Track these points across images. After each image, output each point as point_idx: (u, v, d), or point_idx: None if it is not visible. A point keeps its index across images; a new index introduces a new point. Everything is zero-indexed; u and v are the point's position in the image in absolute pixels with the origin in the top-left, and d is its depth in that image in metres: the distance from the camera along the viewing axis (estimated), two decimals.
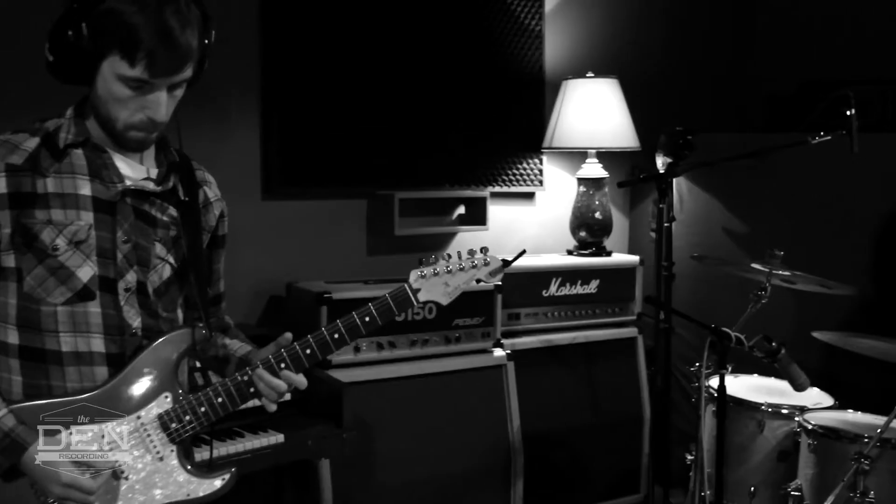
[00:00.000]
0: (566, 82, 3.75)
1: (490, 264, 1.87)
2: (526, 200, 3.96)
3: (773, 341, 2.66)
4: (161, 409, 1.76)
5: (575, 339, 3.60)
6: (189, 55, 1.65)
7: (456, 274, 1.85)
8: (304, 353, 1.80)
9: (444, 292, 1.85)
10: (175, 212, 1.81)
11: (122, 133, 1.69)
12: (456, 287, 1.86)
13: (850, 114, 2.86)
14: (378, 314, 1.82)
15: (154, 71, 1.61)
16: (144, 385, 1.75)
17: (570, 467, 3.60)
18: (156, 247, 1.78)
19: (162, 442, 1.76)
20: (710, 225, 3.92)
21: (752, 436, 3.08)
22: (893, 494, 2.70)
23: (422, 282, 1.83)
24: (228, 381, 1.79)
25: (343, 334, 1.82)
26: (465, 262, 1.86)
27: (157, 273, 1.79)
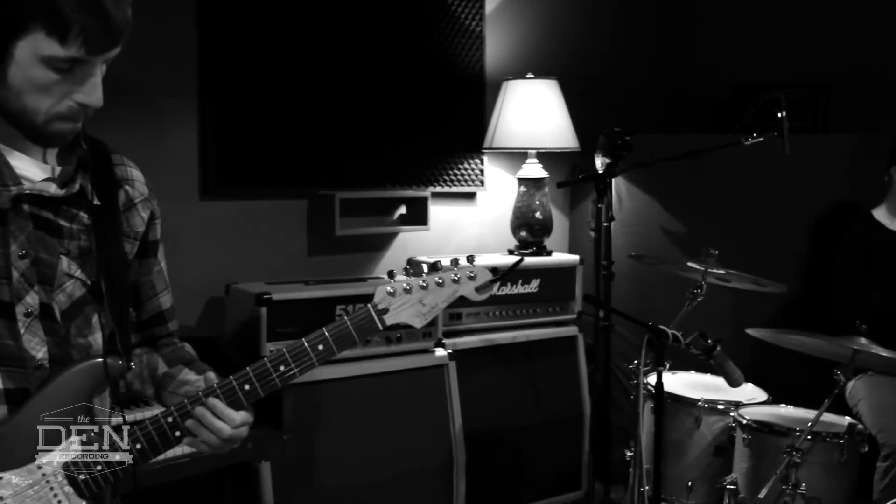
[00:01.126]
0: (506, 83, 3.78)
1: (477, 278, 1.53)
2: (467, 200, 3.97)
3: (709, 338, 2.71)
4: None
5: (516, 339, 3.62)
6: (127, 25, 1.37)
7: (433, 290, 1.51)
8: (241, 389, 1.50)
9: (417, 313, 1.52)
10: (87, 218, 1.51)
11: (44, 126, 1.39)
12: (433, 307, 1.53)
13: (781, 116, 2.93)
14: (334, 342, 1.51)
15: (92, 47, 1.34)
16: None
17: (512, 466, 3.61)
18: (62, 261, 1.48)
19: (68, 497, 1.46)
20: (649, 224, 3.98)
21: (689, 431, 3.14)
22: (824, 486, 2.78)
23: (390, 300, 1.51)
24: (149, 423, 1.49)
25: (290, 365, 1.51)
26: (444, 276, 1.52)
27: (66, 292, 1.48)
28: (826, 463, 2.80)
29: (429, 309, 1.53)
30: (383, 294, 1.52)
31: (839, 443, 2.81)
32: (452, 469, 3.33)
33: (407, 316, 1.53)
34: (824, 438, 2.81)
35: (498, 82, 3.84)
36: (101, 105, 1.42)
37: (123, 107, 2.95)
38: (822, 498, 2.76)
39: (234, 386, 1.50)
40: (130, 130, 3.03)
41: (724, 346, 2.73)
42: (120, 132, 1.78)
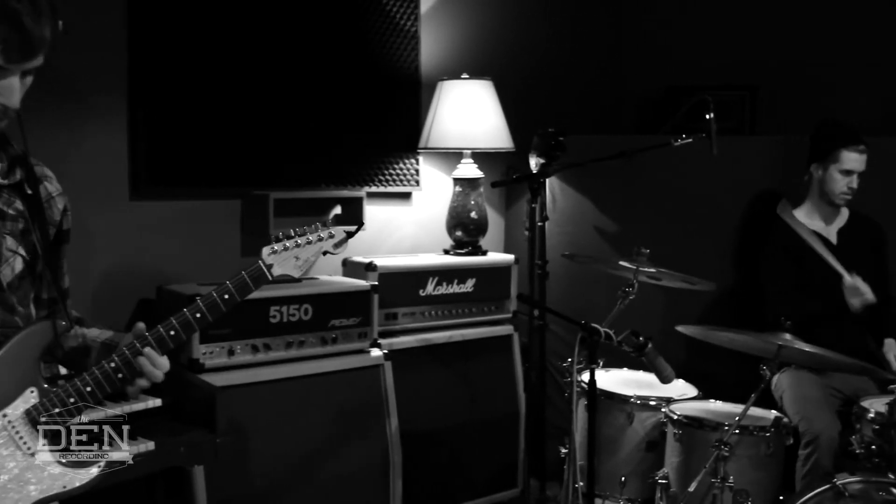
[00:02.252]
0: (441, 83, 3.79)
1: (334, 236, 1.94)
2: (402, 200, 3.97)
3: (641, 336, 2.74)
4: (28, 405, 1.74)
5: (452, 338, 3.63)
6: (44, 42, 1.63)
7: (305, 247, 1.91)
8: (168, 334, 1.83)
9: (295, 266, 1.90)
10: (21, 205, 1.81)
11: None
12: (306, 260, 1.91)
13: (710, 117, 3.00)
14: (236, 290, 1.85)
15: (9, 57, 1.60)
16: (7, 382, 1.73)
17: (448, 464, 3.63)
18: (6, 240, 1.78)
19: (32, 437, 1.74)
20: (582, 224, 4.03)
21: (622, 427, 3.19)
22: (751, 478, 2.86)
23: (274, 257, 1.88)
24: (96, 370, 1.78)
25: (204, 312, 1.84)
26: (312, 236, 1.92)
27: (10, 266, 1.79)
28: (753, 456, 2.88)
29: (303, 262, 1.92)
30: (268, 253, 1.88)
31: (765, 436, 2.89)
32: (389, 469, 3.33)
33: (288, 268, 1.90)
34: (751, 432, 2.89)
35: (433, 82, 3.85)
36: (18, 107, 1.67)
37: (48, 104, 2.88)
38: (750, 490, 2.83)
39: (162, 332, 1.84)
40: (55, 129, 2.96)
41: (655, 344, 2.77)
42: (44, 131, 1.78)
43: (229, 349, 2.98)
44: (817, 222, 3.53)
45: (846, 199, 3.44)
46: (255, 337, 3.04)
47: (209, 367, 2.93)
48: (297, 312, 3.14)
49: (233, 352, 2.99)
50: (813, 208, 3.54)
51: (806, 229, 3.49)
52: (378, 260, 3.48)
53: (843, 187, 3.41)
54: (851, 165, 3.39)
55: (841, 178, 3.41)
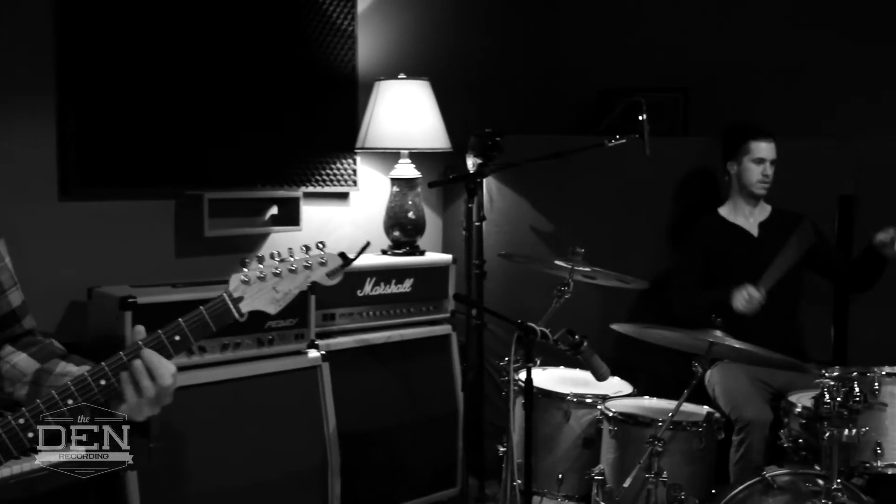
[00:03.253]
0: (378, 83, 3.78)
1: (327, 263, 1.57)
2: (340, 200, 3.95)
3: (576, 334, 2.78)
4: None
5: (390, 338, 3.63)
6: None
7: (286, 277, 1.54)
8: (97, 384, 1.53)
9: (272, 299, 1.55)
10: None
11: None
12: (287, 293, 1.56)
13: (642, 119, 3.05)
14: (191, 331, 1.54)
15: None
16: None
17: (387, 465, 3.62)
18: None
19: None
20: (519, 224, 4.06)
21: (559, 425, 3.23)
22: (684, 472, 2.91)
23: (245, 289, 1.54)
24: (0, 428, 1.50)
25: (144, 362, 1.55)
26: (296, 263, 1.55)
27: None
28: (686, 451, 2.93)
29: (282, 295, 1.57)
30: (237, 282, 1.54)
31: (698, 431, 2.95)
32: (327, 471, 3.31)
33: (262, 303, 1.55)
34: (684, 427, 2.94)
35: (370, 82, 3.84)
36: None
37: None
38: (683, 484, 2.88)
39: (90, 381, 1.53)
40: None
41: (591, 342, 2.81)
42: None
43: None
44: (740, 217, 3.64)
45: (764, 187, 3.55)
46: None
47: None
48: None
49: None
50: (735, 204, 3.65)
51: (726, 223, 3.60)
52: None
53: (759, 175, 3.54)
54: (762, 154, 3.53)
55: (755, 168, 3.55)
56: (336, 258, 1.59)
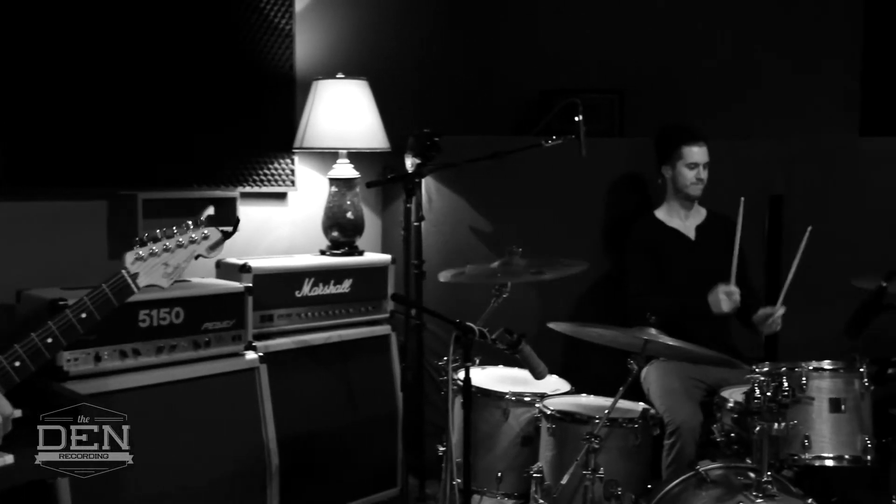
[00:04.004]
0: (316, 82, 3.76)
1: (209, 238, 1.77)
2: (278, 201, 3.92)
3: (514, 333, 2.79)
4: None
5: (329, 339, 3.61)
6: None
7: (175, 252, 1.70)
8: (11, 366, 1.57)
9: (164, 273, 1.71)
10: None
11: None
12: (176, 267, 1.72)
13: (578, 120, 3.09)
14: (96, 308, 1.63)
15: None
16: None
17: (327, 467, 3.60)
18: None
19: None
20: (458, 224, 4.07)
21: (498, 424, 3.24)
22: (621, 468, 2.95)
23: (140, 265, 1.67)
24: None
25: (58, 337, 1.60)
26: (182, 238, 1.71)
27: None
28: (622, 447, 2.97)
29: (173, 269, 1.71)
30: (133, 259, 1.67)
31: (634, 428, 2.99)
32: (265, 473, 3.28)
33: (156, 277, 1.70)
34: (620, 424, 2.98)
35: (308, 81, 3.81)
36: None
37: None
38: (620, 480, 2.91)
39: (5, 364, 1.56)
40: None
41: (530, 341, 2.83)
42: None
43: (95, 355, 2.87)
44: (676, 220, 3.69)
45: (698, 190, 3.61)
46: (124, 342, 2.94)
47: (74, 374, 2.82)
48: (168, 316, 3.06)
49: (99, 358, 2.88)
50: (671, 207, 3.70)
51: (664, 227, 3.65)
52: (253, 261, 3.43)
53: (693, 179, 3.58)
54: (695, 158, 3.57)
55: (688, 172, 3.59)
56: (217, 233, 1.78)
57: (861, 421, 2.85)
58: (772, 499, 2.62)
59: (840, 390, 2.85)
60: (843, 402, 2.84)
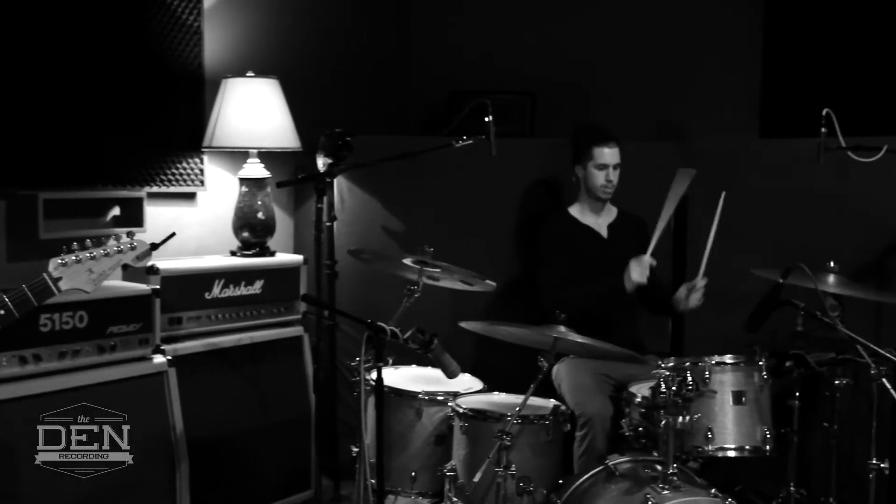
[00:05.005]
0: (226, 80, 3.70)
1: (137, 248, 1.87)
2: (186, 201, 3.85)
3: (426, 333, 2.81)
4: None
5: (241, 341, 3.56)
6: None
7: (100, 260, 1.79)
8: None
9: (88, 280, 1.79)
10: None
11: None
12: (101, 273, 1.81)
13: (488, 120, 3.12)
14: (15, 306, 1.72)
15: None
16: None
17: (240, 471, 3.55)
18: None
19: None
20: (370, 224, 4.07)
21: (411, 423, 3.25)
22: (533, 465, 2.99)
23: (63, 270, 1.76)
24: None
25: None
26: (109, 248, 1.82)
27: None
28: (534, 443, 3.01)
29: (97, 275, 1.82)
30: (56, 264, 1.77)
31: (545, 424, 3.04)
32: (175, 479, 3.21)
33: (79, 282, 1.79)
34: (532, 421, 3.03)
35: (217, 79, 3.75)
36: None
37: None
38: (532, 476, 2.95)
39: None
40: None
41: (443, 340, 2.85)
42: None
43: None
44: (589, 218, 3.75)
45: (608, 191, 3.67)
46: (24, 347, 2.84)
47: None
48: (71, 320, 2.97)
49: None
50: (583, 206, 3.76)
51: (578, 224, 3.71)
52: (160, 263, 3.35)
53: (603, 181, 3.64)
54: (605, 160, 3.63)
55: (599, 173, 3.64)
56: (145, 244, 1.90)
57: (761, 413, 2.95)
58: (677, 490, 2.69)
59: (741, 383, 2.94)
60: (744, 395, 2.93)
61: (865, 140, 3.39)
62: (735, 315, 3.23)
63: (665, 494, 2.66)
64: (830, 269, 3.23)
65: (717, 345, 3.12)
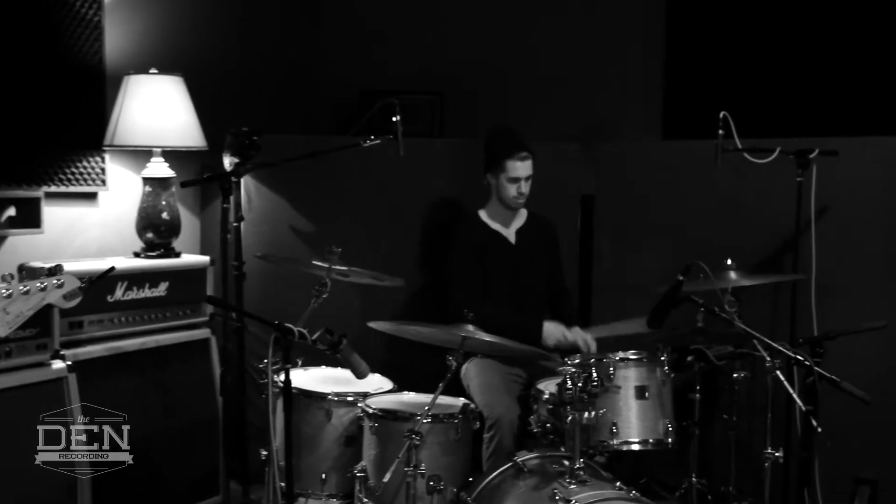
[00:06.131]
0: (128, 77, 3.61)
1: (64, 286, 1.64)
2: (87, 201, 3.73)
3: (335, 333, 2.79)
4: None
5: (145, 345, 3.48)
6: None
7: (17, 299, 1.58)
8: None
9: (2, 321, 1.59)
10: None
11: None
12: (18, 315, 1.61)
13: (396, 120, 3.13)
14: None
15: None
16: None
17: (145, 478, 3.44)
18: None
19: None
20: (278, 224, 4.03)
21: (321, 425, 3.24)
22: (442, 463, 3.01)
23: None
24: None
25: None
26: (30, 285, 1.60)
27: None
28: (443, 442, 3.03)
29: (13, 317, 1.59)
30: None
31: (454, 423, 3.06)
32: (76, 489, 3.11)
33: None
34: (441, 420, 3.04)
35: (119, 76, 3.65)
36: None
37: None
38: (442, 475, 2.96)
39: None
40: None
41: (354, 341, 2.84)
42: None
43: None
44: (498, 223, 3.77)
45: (519, 203, 3.68)
46: None
47: None
48: None
49: None
50: (494, 211, 3.77)
51: (488, 229, 3.73)
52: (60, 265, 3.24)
53: (514, 192, 3.64)
54: (517, 173, 3.62)
55: (511, 186, 3.63)
56: (74, 280, 1.64)
57: (663, 406, 3.03)
58: (583, 484, 2.74)
59: (644, 378, 3.02)
60: (647, 390, 3.01)
61: (760, 142, 3.53)
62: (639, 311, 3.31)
63: (572, 489, 2.71)
64: (728, 266, 3.34)
65: (621, 341, 3.19)
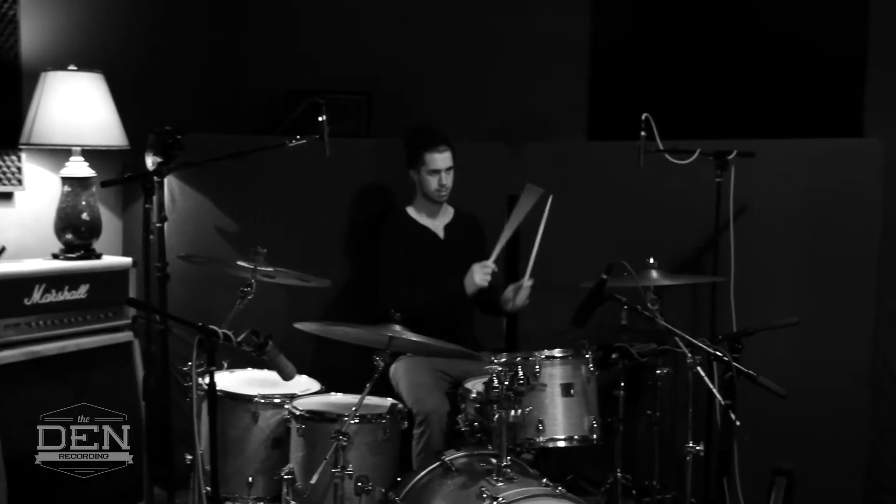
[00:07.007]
0: (45, 74, 3.52)
1: None
2: (3, 201, 3.63)
3: (261, 335, 2.76)
4: None
5: (65, 349, 3.39)
6: None
7: None
8: None
9: None
10: None
11: None
12: None
13: (322, 120, 3.11)
14: None
15: None
16: None
17: (65, 487, 3.35)
18: None
19: None
20: (203, 224, 3.98)
21: (247, 427, 3.20)
22: (370, 464, 3.00)
23: None
24: None
25: None
26: None
27: None
28: (371, 442, 3.03)
29: None
30: None
31: (382, 423, 3.05)
32: None
33: None
34: (369, 420, 3.04)
35: (36, 73, 3.56)
36: None
37: None
38: (370, 475, 2.95)
39: None
40: None
41: (281, 342, 2.81)
42: None
43: None
44: (426, 218, 3.80)
45: (442, 195, 3.72)
46: None
47: None
48: None
49: None
50: (420, 207, 3.81)
51: (417, 224, 3.76)
52: None
53: (436, 185, 3.69)
54: (437, 165, 3.66)
55: (432, 178, 3.68)
56: None
57: (588, 403, 3.08)
58: (511, 482, 2.76)
59: (569, 376, 3.06)
60: (573, 387, 3.05)
61: (681, 143, 3.61)
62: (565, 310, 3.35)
63: (499, 486, 2.73)
64: (651, 265, 3.42)
65: (546, 340, 3.23)
